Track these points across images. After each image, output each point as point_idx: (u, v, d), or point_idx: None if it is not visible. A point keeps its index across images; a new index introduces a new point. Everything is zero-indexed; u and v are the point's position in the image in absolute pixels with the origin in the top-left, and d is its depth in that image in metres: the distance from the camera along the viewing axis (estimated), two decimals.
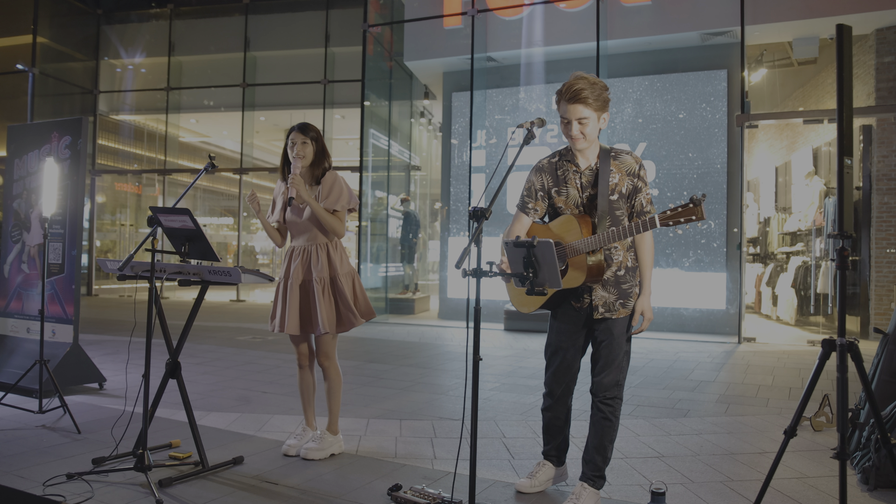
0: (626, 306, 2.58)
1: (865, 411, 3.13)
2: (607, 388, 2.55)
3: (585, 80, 2.48)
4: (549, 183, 2.63)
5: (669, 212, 2.27)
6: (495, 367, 5.71)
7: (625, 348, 2.58)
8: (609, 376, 2.55)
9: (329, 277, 3.13)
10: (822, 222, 8.48)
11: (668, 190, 8.47)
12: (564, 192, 2.60)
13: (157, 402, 3.04)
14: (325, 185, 3.16)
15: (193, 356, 6.02)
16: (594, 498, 2.55)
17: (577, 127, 2.49)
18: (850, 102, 2.27)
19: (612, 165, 2.57)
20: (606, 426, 2.55)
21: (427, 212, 14.82)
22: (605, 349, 2.56)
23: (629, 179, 2.57)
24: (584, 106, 2.46)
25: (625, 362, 2.58)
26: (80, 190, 4.49)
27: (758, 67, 10.33)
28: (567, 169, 2.61)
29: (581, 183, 2.58)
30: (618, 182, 2.56)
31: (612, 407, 2.55)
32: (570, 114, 2.49)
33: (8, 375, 4.35)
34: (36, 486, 2.67)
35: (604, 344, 2.57)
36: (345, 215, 3.19)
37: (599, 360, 2.58)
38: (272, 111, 13.23)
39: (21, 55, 12.14)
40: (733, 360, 6.30)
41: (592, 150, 2.60)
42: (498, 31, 9.08)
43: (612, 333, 2.56)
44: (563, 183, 2.61)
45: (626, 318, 2.59)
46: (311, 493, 2.70)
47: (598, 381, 2.57)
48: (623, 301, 2.57)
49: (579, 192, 2.58)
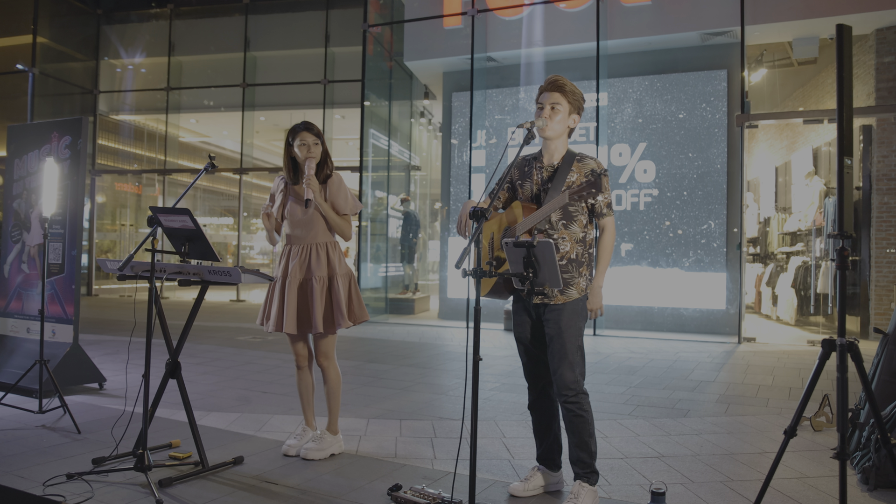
0: (564, 293, 2.59)
1: (865, 411, 3.13)
2: (566, 387, 2.55)
3: (566, 79, 2.68)
4: (515, 176, 2.77)
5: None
6: (495, 367, 5.71)
7: (576, 343, 2.59)
8: (565, 374, 2.55)
9: (328, 277, 3.14)
10: (822, 222, 8.48)
11: (668, 190, 8.47)
12: (524, 185, 2.72)
13: (157, 402, 3.04)
14: (332, 187, 3.17)
15: (193, 356, 6.02)
16: (592, 495, 2.56)
17: (547, 110, 2.63)
18: (850, 102, 2.27)
19: (574, 166, 2.65)
20: (579, 423, 2.57)
21: (427, 212, 14.82)
22: (556, 346, 2.58)
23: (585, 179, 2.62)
24: (560, 94, 2.63)
25: (578, 357, 2.59)
26: (80, 190, 4.49)
27: (758, 67, 10.33)
28: (532, 165, 2.73)
29: (542, 177, 2.69)
30: (574, 180, 2.62)
31: (579, 403, 2.57)
32: (545, 99, 2.65)
33: (8, 375, 4.35)
34: (36, 486, 2.67)
35: (554, 339, 2.58)
36: (350, 218, 3.24)
37: (553, 357, 2.60)
38: (272, 111, 13.23)
39: (21, 55, 12.14)
40: (733, 360, 6.30)
41: (559, 149, 2.70)
42: (498, 31, 9.08)
43: (560, 328, 2.57)
44: (527, 177, 2.73)
45: (570, 311, 2.59)
46: (311, 493, 2.70)
47: (556, 381, 2.58)
48: (562, 288, 2.59)
49: (537, 185, 2.69)
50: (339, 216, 3.17)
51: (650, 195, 8.57)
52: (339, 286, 3.12)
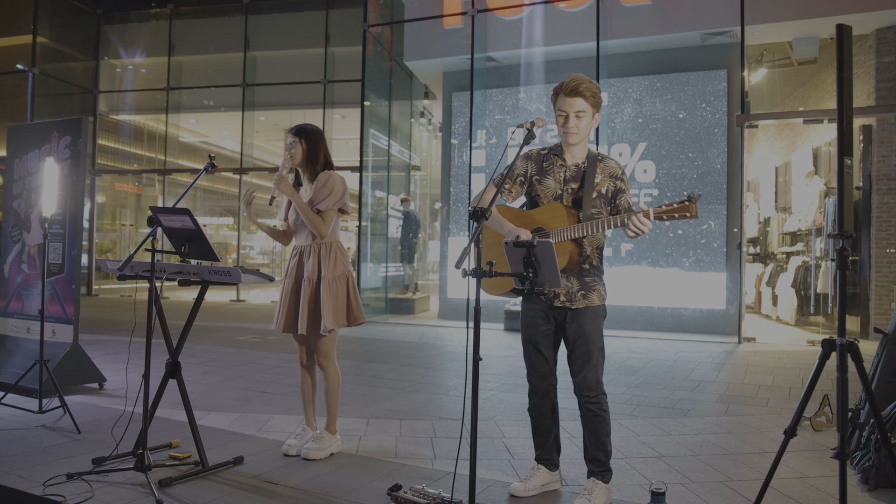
0: (587, 297, 2.63)
1: (865, 411, 3.13)
2: (590, 388, 2.60)
3: (583, 77, 2.61)
4: (532, 170, 2.72)
5: (665, 206, 2.33)
6: (495, 367, 5.71)
7: (599, 344, 2.63)
8: (589, 375, 2.60)
9: (317, 279, 3.13)
10: (822, 222, 8.48)
11: (668, 190, 8.47)
12: (545, 182, 2.69)
13: (157, 402, 3.04)
14: (317, 184, 3.16)
15: (193, 356, 6.02)
16: (606, 493, 2.60)
17: (573, 120, 2.59)
18: (850, 102, 2.27)
19: (598, 167, 2.65)
20: (599, 423, 2.61)
21: (427, 212, 14.82)
22: (580, 348, 2.61)
23: (611, 181, 2.65)
24: (582, 99, 2.57)
25: (601, 358, 2.63)
26: (80, 190, 4.48)
27: (758, 67, 10.33)
28: (553, 162, 2.70)
29: (564, 176, 2.66)
30: (599, 182, 2.64)
31: (599, 403, 2.61)
32: (568, 107, 2.59)
33: (8, 375, 4.35)
34: (36, 486, 2.67)
35: (578, 342, 2.61)
36: (331, 216, 3.14)
37: (577, 360, 2.63)
38: (272, 111, 13.23)
39: (21, 55, 12.13)
40: (733, 360, 6.30)
41: (581, 149, 2.69)
42: (498, 31, 9.08)
43: (584, 331, 2.60)
44: (546, 174, 2.69)
45: (592, 313, 2.62)
46: (311, 493, 2.70)
47: (579, 382, 2.62)
48: (584, 293, 2.63)
49: (560, 184, 2.66)
50: (314, 213, 3.10)
51: (650, 195, 8.57)
52: (325, 289, 3.09)
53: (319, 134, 3.23)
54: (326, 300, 3.08)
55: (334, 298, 3.11)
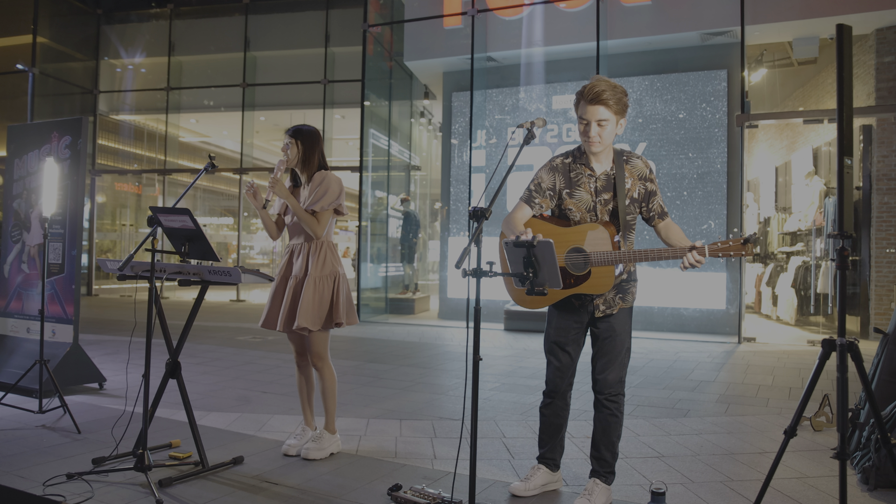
0: (624, 300, 2.63)
1: (865, 411, 3.13)
2: (612, 385, 2.59)
3: (606, 83, 2.48)
4: (560, 184, 2.61)
5: (720, 244, 2.29)
6: (495, 367, 5.71)
7: (626, 344, 2.62)
8: (613, 373, 2.59)
9: (302, 277, 3.13)
10: (822, 222, 8.48)
11: (668, 190, 8.47)
12: (577, 195, 2.59)
13: (157, 402, 3.04)
14: (313, 184, 3.16)
15: (193, 356, 6.02)
16: (606, 493, 2.59)
17: (595, 129, 2.49)
18: (850, 102, 2.27)
19: (626, 171, 2.57)
20: (614, 422, 2.60)
21: (427, 212, 14.82)
22: (608, 345, 2.60)
23: (640, 184, 2.58)
24: (604, 108, 2.46)
25: (626, 358, 2.63)
26: (80, 190, 4.48)
27: (758, 67, 10.33)
28: (581, 172, 2.59)
29: (595, 187, 2.57)
30: (630, 187, 2.57)
31: (618, 403, 2.61)
32: (590, 115, 2.48)
33: (8, 375, 4.35)
34: (36, 486, 2.67)
35: (607, 341, 2.60)
36: (326, 217, 3.13)
37: (602, 357, 2.61)
38: (272, 111, 13.22)
39: (21, 55, 12.13)
40: (733, 360, 6.30)
41: (606, 154, 2.59)
42: (498, 31, 9.08)
43: (615, 330, 2.60)
44: (576, 186, 2.59)
45: (625, 313, 2.63)
46: (311, 492, 2.70)
47: (602, 379, 2.60)
48: (622, 296, 2.62)
49: (592, 196, 2.57)
50: (308, 214, 3.10)
51: None
52: (310, 287, 3.07)
53: (316, 135, 3.21)
54: (306, 299, 3.06)
55: (318, 298, 3.09)
